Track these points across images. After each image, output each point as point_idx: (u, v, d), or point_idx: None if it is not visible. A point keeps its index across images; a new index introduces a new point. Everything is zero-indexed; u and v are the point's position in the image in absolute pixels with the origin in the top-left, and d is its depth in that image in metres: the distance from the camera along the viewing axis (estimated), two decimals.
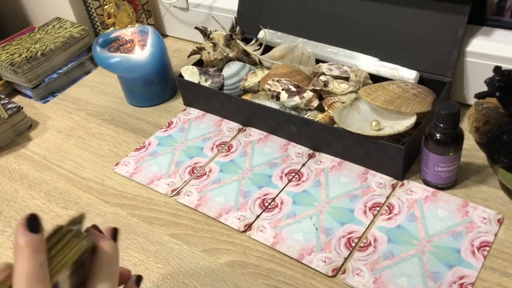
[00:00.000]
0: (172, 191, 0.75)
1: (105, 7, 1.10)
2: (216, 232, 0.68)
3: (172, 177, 0.78)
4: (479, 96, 0.67)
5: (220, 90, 0.87)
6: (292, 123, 0.77)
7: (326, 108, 0.78)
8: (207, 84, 0.88)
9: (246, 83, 0.86)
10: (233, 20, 0.92)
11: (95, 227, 0.41)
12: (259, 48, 0.91)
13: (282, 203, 0.70)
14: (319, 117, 0.77)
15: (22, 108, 0.93)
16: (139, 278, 0.44)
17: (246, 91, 0.88)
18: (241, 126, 0.85)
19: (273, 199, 0.71)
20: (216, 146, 0.82)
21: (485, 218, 0.63)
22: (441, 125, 0.63)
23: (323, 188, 0.71)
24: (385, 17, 0.82)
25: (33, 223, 0.34)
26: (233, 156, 0.79)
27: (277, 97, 0.79)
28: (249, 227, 0.68)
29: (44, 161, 0.87)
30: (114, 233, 0.42)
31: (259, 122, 0.83)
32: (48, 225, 0.32)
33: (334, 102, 0.78)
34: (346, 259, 0.61)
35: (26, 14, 1.29)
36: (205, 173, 0.77)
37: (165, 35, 1.18)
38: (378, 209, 0.67)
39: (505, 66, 0.66)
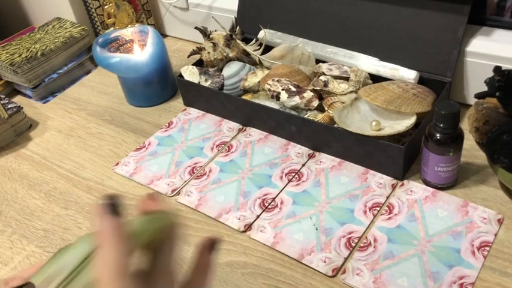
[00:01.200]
0: (172, 191, 0.75)
1: (105, 7, 1.10)
2: (216, 232, 0.68)
3: (172, 177, 0.78)
4: (479, 96, 0.67)
5: (220, 90, 0.87)
6: (292, 123, 0.77)
7: (326, 108, 0.78)
8: (207, 84, 0.88)
9: (246, 83, 0.86)
10: (233, 20, 0.92)
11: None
12: (259, 48, 0.91)
13: (282, 203, 0.70)
14: (319, 117, 0.77)
15: (22, 108, 0.93)
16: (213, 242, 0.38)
17: (246, 91, 0.88)
18: (241, 126, 0.85)
19: (273, 199, 0.71)
20: (216, 146, 0.82)
21: (485, 218, 0.63)
22: (441, 125, 0.63)
23: (323, 188, 0.71)
24: (385, 17, 0.82)
25: (115, 205, 0.30)
26: (233, 156, 0.79)
27: (277, 97, 0.79)
28: (249, 227, 0.68)
29: (44, 161, 0.87)
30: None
31: (259, 122, 0.83)
32: (49, 225, 0.32)
33: (334, 102, 0.78)
34: (346, 259, 0.61)
35: (26, 14, 1.29)
36: (205, 173, 0.77)
37: (165, 35, 1.18)
38: (378, 209, 0.67)
39: (505, 66, 0.66)
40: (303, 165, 0.76)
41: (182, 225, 0.36)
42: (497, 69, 0.63)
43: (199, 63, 0.93)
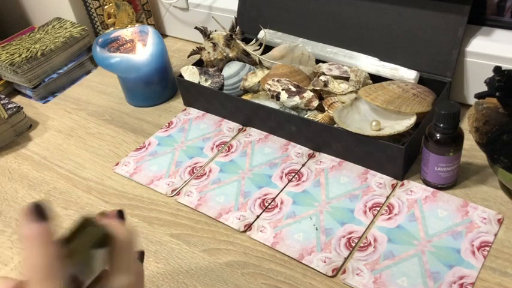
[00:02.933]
0: (172, 191, 0.75)
1: (105, 7, 1.10)
2: (216, 232, 0.68)
3: (172, 177, 0.78)
4: (479, 96, 0.67)
5: (220, 90, 0.87)
6: (292, 123, 0.77)
7: (326, 108, 0.78)
8: (207, 84, 0.88)
9: (246, 83, 0.86)
10: (233, 20, 0.92)
11: (102, 214, 0.38)
12: (259, 48, 0.91)
13: (282, 203, 0.70)
14: (319, 117, 0.77)
15: (22, 108, 0.93)
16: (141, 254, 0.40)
17: (246, 91, 0.88)
18: (241, 126, 0.85)
19: (273, 199, 0.71)
20: (216, 146, 0.82)
21: (485, 218, 0.63)
22: (441, 125, 0.63)
23: (323, 188, 0.71)
24: (385, 17, 0.82)
25: (38, 211, 0.31)
26: (233, 156, 0.79)
27: (277, 97, 0.79)
28: (249, 227, 0.68)
29: (44, 161, 0.87)
30: (120, 214, 0.38)
31: (259, 122, 0.83)
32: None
33: (334, 102, 0.78)
34: (346, 259, 0.61)
35: (26, 14, 1.29)
36: (205, 173, 0.77)
37: (165, 35, 1.18)
38: (378, 209, 0.67)
39: (505, 66, 0.66)
40: (303, 165, 0.76)
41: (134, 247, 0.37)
42: (497, 69, 0.64)
43: (199, 63, 0.93)
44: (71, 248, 0.33)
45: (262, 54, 0.89)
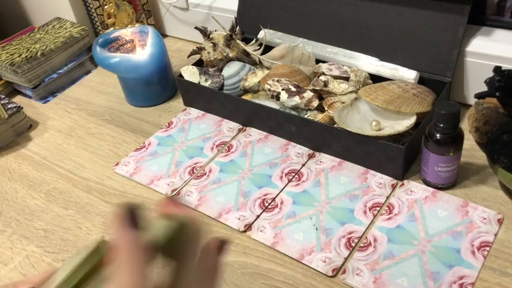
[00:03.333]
0: (173, 191, 0.75)
1: (105, 7, 1.10)
2: (216, 232, 0.68)
3: (172, 177, 0.78)
4: (479, 96, 0.67)
5: (220, 90, 0.87)
6: (292, 123, 0.77)
7: (326, 108, 0.78)
8: (207, 84, 0.88)
9: (246, 83, 0.86)
10: (233, 20, 0.92)
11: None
12: (259, 48, 0.91)
13: (282, 203, 0.70)
14: (319, 117, 0.77)
15: (22, 108, 0.93)
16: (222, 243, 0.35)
17: (246, 91, 0.88)
18: (241, 126, 0.85)
19: (273, 199, 0.71)
20: (216, 146, 0.82)
21: (485, 218, 0.63)
22: (441, 125, 0.63)
23: (323, 188, 0.71)
24: (385, 17, 0.82)
25: (135, 217, 0.27)
26: (233, 156, 0.79)
27: (277, 97, 0.79)
28: (249, 227, 0.68)
29: (44, 161, 0.87)
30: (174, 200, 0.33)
31: (259, 122, 0.83)
32: (49, 225, 0.31)
33: (334, 102, 0.78)
34: (346, 259, 0.61)
35: (26, 14, 1.29)
36: (205, 173, 0.77)
37: (165, 35, 1.18)
38: (378, 209, 0.67)
39: (505, 66, 0.66)
40: (303, 165, 0.76)
41: (206, 232, 0.34)
42: (497, 69, 0.64)
43: (199, 63, 0.93)
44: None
45: (262, 54, 0.89)
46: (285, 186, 0.72)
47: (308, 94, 0.78)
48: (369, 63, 0.83)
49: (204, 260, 0.33)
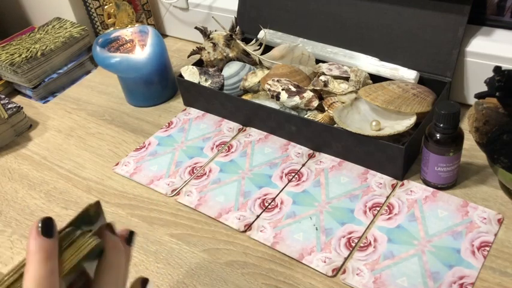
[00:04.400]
0: (172, 191, 0.75)
1: (105, 7, 1.10)
2: (216, 232, 0.68)
3: (172, 177, 0.78)
4: (479, 96, 0.67)
5: (220, 90, 0.87)
6: (292, 123, 0.77)
7: (326, 108, 0.78)
8: (207, 84, 0.88)
9: (246, 83, 0.86)
10: (233, 20, 0.92)
11: (109, 226, 0.39)
12: (259, 48, 0.91)
13: (282, 203, 0.70)
14: (319, 117, 0.77)
15: (22, 108, 0.93)
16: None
17: (246, 91, 0.88)
18: (241, 126, 0.85)
19: (273, 199, 0.71)
20: (216, 146, 0.82)
21: (485, 218, 0.63)
22: (441, 125, 0.63)
23: (323, 188, 0.71)
24: (385, 17, 0.82)
25: (47, 227, 0.33)
26: (233, 156, 0.79)
27: (277, 97, 0.79)
28: (249, 227, 0.68)
29: (44, 161, 0.87)
30: (130, 237, 0.40)
31: (259, 122, 0.83)
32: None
33: (334, 102, 0.78)
34: (346, 259, 0.61)
35: (26, 14, 1.29)
36: (205, 173, 0.77)
37: (165, 35, 1.18)
38: (378, 209, 0.67)
39: (505, 66, 0.66)
40: (303, 165, 0.76)
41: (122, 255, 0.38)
42: (497, 69, 0.64)
43: (199, 63, 0.93)
44: (65, 261, 0.34)
45: (262, 54, 0.89)
46: (285, 186, 0.72)
47: (308, 94, 0.78)
48: (369, 63, 0.83)
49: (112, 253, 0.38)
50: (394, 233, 0.63)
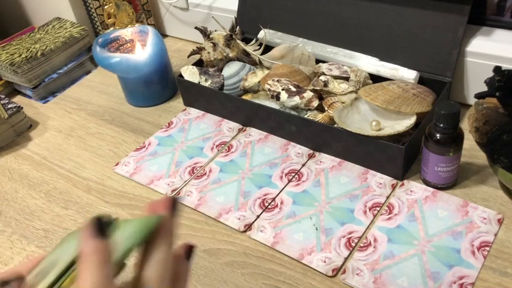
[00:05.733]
0: (173, 191, 0.75)
1: (105, 7, 1.10)
2: (216, 232, 0.68)
3: (172, 177, 0.78)
4: (479, 96, 0.67)
5: (220, 90, 0.87)
6: (292, 123, 0.77)
7: (326, 108, 0.78)
8: (207, 84, 0.88)
9: (246, 83, 0.86)
10: (233, 20, 0.92)
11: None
12: (259, 48, 0.91)
13: (282, 203, 0.70)
14: (319, 117, 0.77)
15: (22, 108, 0.93)
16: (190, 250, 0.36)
17: (246, 91, 0.88)
18: (241, 126, 0.85)
19: (273, 199, 0.71)
20: (216, 146, 0.82)
21: (485, 218, 0.63)
22: (441, 125, 0.63)
23: (323, 188, 0.71)
24: (385, 17, 0.82)
25: (102, 226, 0.31)
26: (233, 156, 0.79)
27: (277, 97, 0.79)
28: (249, 227, 0.68)
29: (44, 161, 0.87)
30: (174, 204, 0.35)
31: (259, 122, 0.83)
32: (49, 225, 0.32)
33: (334, 102, 0.78)
34: (346, 259, 0.61)
35: (26, 14, 1.29)
36: (205, 173, 0.77)
37: (165, 35, 1.18)
38: (378, 209, 0.67)
39: (505, 66, 0.66)
40: (303, 165, 0.76)
41: (177, 223, 0.34)
42: (497, 69, 0.64)
43: (199, 63, 0.93)
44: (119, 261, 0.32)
45: (262, 54, 0.89)
46: (285, 186, 0.72)
47: (308, 94, 0.78)
48: (369, 63, 0.83)
49: (173, 265, 0.34)
50: (394, 233, 0.63)
